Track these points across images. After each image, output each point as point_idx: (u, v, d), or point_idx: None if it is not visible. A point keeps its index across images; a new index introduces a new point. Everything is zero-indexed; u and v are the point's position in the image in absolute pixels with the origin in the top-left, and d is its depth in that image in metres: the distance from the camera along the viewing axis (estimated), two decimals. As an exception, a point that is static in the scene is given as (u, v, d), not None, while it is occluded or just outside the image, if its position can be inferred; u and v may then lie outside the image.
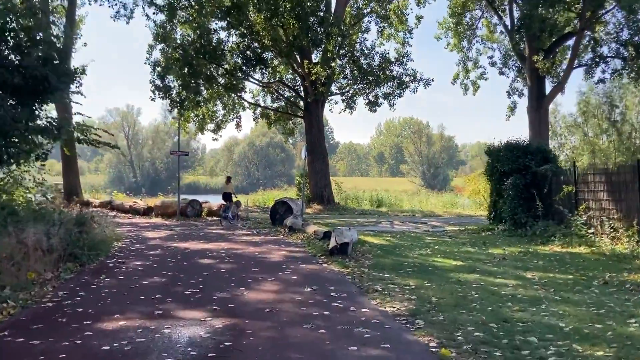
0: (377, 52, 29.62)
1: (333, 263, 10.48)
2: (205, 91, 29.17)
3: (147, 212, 24.50)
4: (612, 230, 12.74)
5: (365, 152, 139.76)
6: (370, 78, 28.32)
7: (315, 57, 29.85)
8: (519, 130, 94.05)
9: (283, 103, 32.60)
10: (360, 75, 28.47)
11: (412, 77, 29.02)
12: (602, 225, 13.14)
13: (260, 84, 31.51)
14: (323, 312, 6.76)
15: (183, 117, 28.93)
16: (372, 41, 30.74)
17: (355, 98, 29.77)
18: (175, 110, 27.73)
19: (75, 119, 18.32)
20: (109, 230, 14.64)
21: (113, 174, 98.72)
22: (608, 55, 27.22)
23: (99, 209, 26.99)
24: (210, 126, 31.44)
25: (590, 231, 13.21)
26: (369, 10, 31.31)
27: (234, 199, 21.07)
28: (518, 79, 32.99)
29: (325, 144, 31.55)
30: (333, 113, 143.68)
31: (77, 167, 30.58)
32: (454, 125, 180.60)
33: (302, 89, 30.55)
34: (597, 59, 27.14)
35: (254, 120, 33.39)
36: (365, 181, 73.60)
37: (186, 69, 26.80)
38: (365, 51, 29.49)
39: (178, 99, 27.57)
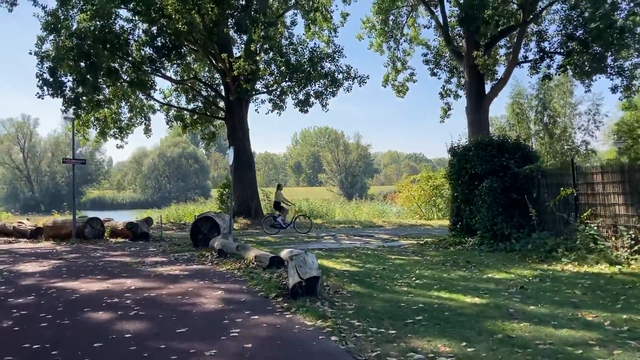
0: (307, 47, 26.55)
1: (300, 311, 6.81)
2: (107, 89, 24.73)
3: (35, 234, 19.90)
4: (633, 242, 10.13)
5: (282, 162, 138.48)
6: (300, 75, 25.09)
7: (237, 52, 26.23)
8: (438, 135, 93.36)
9: (200, 104, 28.58)
10: (288, 72, 25.14)
11: (345, 74, 26.16)
12: (619, 236, 10.51)
13: (173, 82, 27.35)
14: None
15: (80, 120, 24.30)
16: (298, 36, 27.44)
17: (284, 97, 26.37)
18: (71, 110, 23.04)
19: None
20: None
21: (7, 190, 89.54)
22: (551, 50, 25.68)
23: (-27, 232, 21.92)
24: (114, 131, 26.80)
25: (607, 244, 10.54)
26: (293, 2, 27.66)
27: (286, 207, 21.28)
28: (451, 79, 31.08)
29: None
30: (259, 114, 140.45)
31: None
32: (365, 135, 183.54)
33: (222, 87, 26.78)
34: (542, 54, 25.47)
35: (167, 123, 29.02)
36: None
37: (82, 62, 22.35)
38: (293, 45, 26.25)
39: (73, 97, 22.92)
